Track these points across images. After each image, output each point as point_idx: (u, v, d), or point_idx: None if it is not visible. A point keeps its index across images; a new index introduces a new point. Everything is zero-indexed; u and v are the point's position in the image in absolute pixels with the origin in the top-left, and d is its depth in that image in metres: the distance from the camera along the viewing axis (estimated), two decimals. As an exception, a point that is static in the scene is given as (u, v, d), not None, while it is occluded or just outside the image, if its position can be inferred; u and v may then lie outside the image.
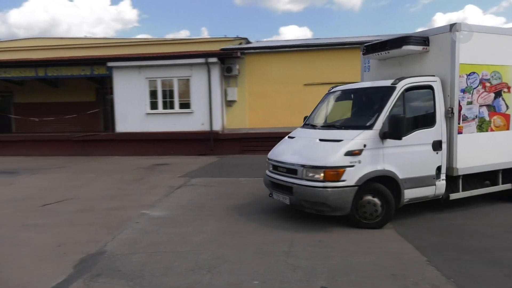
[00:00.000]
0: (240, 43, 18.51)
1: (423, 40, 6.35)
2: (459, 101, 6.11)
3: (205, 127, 16.02)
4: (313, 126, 6.74)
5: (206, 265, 4.32)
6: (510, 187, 6.86)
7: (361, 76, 8.10)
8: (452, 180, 6.25)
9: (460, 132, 6.16)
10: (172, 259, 4.53)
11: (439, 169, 6.01)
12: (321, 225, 5.79)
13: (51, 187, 9.64)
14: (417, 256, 4.59)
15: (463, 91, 6.17)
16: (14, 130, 21.57)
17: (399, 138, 5.52)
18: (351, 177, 5.44)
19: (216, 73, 16.06)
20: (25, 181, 10.89)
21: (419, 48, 6.37)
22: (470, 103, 6.26)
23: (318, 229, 5.60)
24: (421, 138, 5.89)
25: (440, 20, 64.81)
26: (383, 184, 5.65)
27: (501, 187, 6.78)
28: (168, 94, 16.33)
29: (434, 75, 6.16)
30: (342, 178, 5.41)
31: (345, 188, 5.42)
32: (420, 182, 5.88)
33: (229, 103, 16.89)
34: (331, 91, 7.24)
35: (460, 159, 6.15)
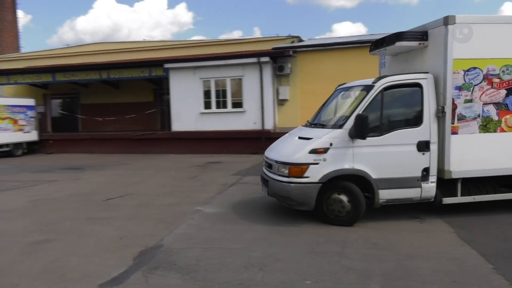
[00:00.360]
0: (292, 42, 18.41)
1: (421, 35, 6.06)
2: (453, 99, 5.73)
3: (257, 126, 16.15)
4: (309, 124, 6.74)
5: (258, 263, 4.36)
6: None
7: (379, 72, 7.85)
8: (451, 184, 5.89)
9: (454, 133, 5.77)
10: (226, 255, 4.62)
11: (426, 170, 5.74)
12: (374, 226, 5.63)
13: (113, 183, 10.22)
14: (482, 263, 4.30)
15: (459, 88, 5.76)
16: (80, 129, 23.14)
17: (363, 138, 5.51)
18: (314, 174, 5.59)
19: (268, 72, 16.13)
20: (90, 177, 11.65)
21: (414, 43, 6.11)
22: (469, 101, 5.81)
23: (372, 231, 5.44)
24: (403, 138, 5.72)
25: (509, 10, 59.94)
26: (356, 183, 5.65)
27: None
28: (221, 94, 16.67)
29: (427, 72, 5.90)
30: (305, 175, 5.60)
31: (308, 184, 5.59)
32: (400, 183, 5.72)
33: (280, 102, 16.90)
34: (337, 89, 7.10)
35: (454, 162, 5.78)
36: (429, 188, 5.79)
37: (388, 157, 5.71)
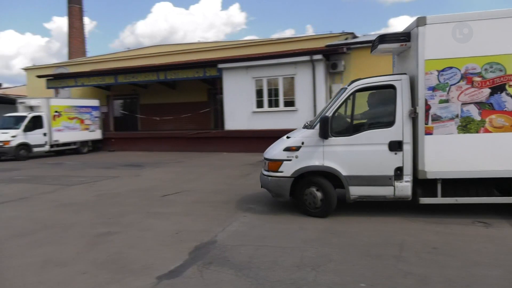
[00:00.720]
0: (346, 38, 18.01)
1: (404, 36, 6.08)
2: (426, 100, 5.72)
3: (309, 125, 16.00)
4: (304, 125, 6.85)
5: (311, 263, 4.31)
6: None
7: (392, 71, 7.84)
8: (434, 184, 5.83)
9: (429, 133, 5.74)
10: (278, 254, 4.62)
11: (399, 170, 5.86)
12: (434, 230, 5.35)
13: (169, 180, 10.63)
14: (558, 274, 3.92)
15: (433, 88, 5.71)
16: (139, 128, 24.31)
17: (325, 138, 5.99)
18: (287, 169, 6.26)
19: (320, 70, 15.91)
20: (148, 173, 12.20)
21: (395, 45, 6.20)
22: (445, 101, 5.71)
23: (432, 235, 5.17)
24: (374, 138, 5.95)
25: None
26: (330, 179, 6.10)
27: (502, 199, 5.79)
28: (273, 93, 16.71)
29: (404, 73, 6.04)
30: (280, 170, 6.32)
31: (282, 178, 6.31)
32: (371, 181, 5.95)
33: (334, 100, 16.62)
34: (341, 88, 7.06)
35: (429, 162, 5.74)
36: (403, 187, 5.88)
37: (358, 156, 6.00)
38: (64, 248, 5.05)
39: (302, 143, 6.25)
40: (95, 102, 22.32)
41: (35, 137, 18.85)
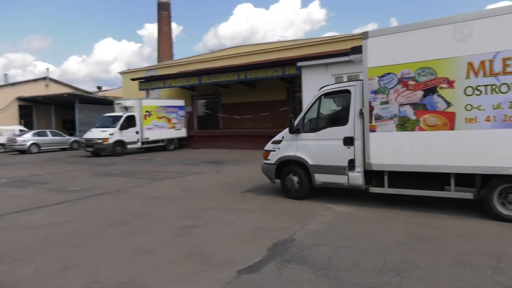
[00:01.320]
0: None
1: (360, 48, 6.84)
2: (369, 102, 6.55)
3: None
4: None
5: (394, 268, 4.10)
6: (471, 197, 5.94)
7: None
8: (381, 175, 6.64)
9: (373, 130, 6.54)
10: (358, 256, 4.47)
11: (352, 162, 6.83)
12: (542, 241, 4.73)
13: (248, 177, 10.89)
14: None
15: (375, 92, 6.50)
16: (221, 126, 25.27)
17: (291, 133, 7.56)
18: (273, 158, 8.03)
19: (405, 65, 15.03)
20: (228, 170, 12.63)
21: (358, 56, 6.98)
22: (385, 102, 6.43)
23: (538, 246, 4.58)
24: (332, 134, 7.10)
25: None
26: (302, 167, 7.52)
27: (453, 194, 6.10)
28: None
29: (361, 80, 6.89)
30: (268, 158, 8.16)
31: (269, 165, 8.11)
32: (330, 170, 7.13)
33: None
34: None
35: (374, 156, 6.57)
36: (355, 176, 6.84)
37: (321, 149, 7.30)
38: (153, 238, 5.44)
39: (283, 137, 7.89)
40: (181, 102, 23.72)
41: (129, 135, 20.63)
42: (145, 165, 15.18)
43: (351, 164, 6.87)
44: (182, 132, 23.44)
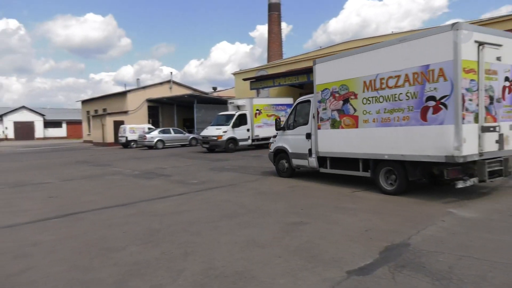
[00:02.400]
0: None
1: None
2: (317, 108, 9.55)
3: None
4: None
5: (533, 286, 3.53)
6: (369, 175, 8.55)
7: None
8: (325, 160, 9.57)
9: (319, 128, 9.53)
10: (486, 268, 3.97)
11: (310, 150, 9.91)
12: None
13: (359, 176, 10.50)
14: None
15: (319, 101, 9.48)
16: (329, 124, 24.82)
17: (277, 130, 11.25)
18: (272, 147, 11.59)
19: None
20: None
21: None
22: (324, 109, 9.34)
23: None
24: (301, 131, 10.25)
25: None
26: (287, 154, 10.86)
27: (360, 173, 8.74)
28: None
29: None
30: (270, 148, 11.78)
31: (271, 152, 11.58)
32: (300, 156, 10.33)
33: None
34: None
35: (320, 146, 9.56)
36: (312, 161, 9.78)
37: (295, 141, 10.48)
38: (263, 231, 5.62)
39: (277, 133, 11.44)
40: (289, 100, 24.01)
41: (240, 133, 21.68)
42: (255, 161, 15.78)
43: (310, 152, 9.98)
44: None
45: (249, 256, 4.61)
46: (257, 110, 22.25)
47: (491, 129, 7.07)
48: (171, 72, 42.63)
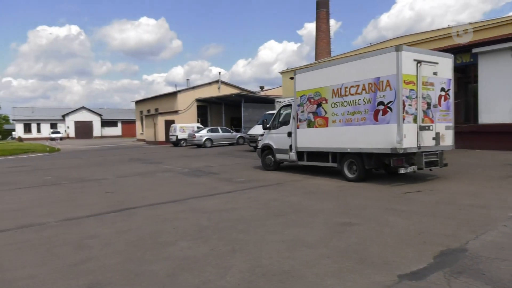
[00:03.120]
0: None
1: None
2: (296, 111, 11.54)
3: None
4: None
5: None
6: (336, 166, 10.49)
7: None
8: (303, 154, 11.56)
9: (298, 128, 11.53)
10: (555, 279, 3.65)
11: (290, 146, 11.90)
12: None
13: (409, 177, 10.09)
14: None
15: (298, 105, 11.46)
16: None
17: (264, 129, 13.44)
18: (260, 144, 13.62)
19: None
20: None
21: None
22: (302, 111, 11.32)
23: None
24: (284, 130, 12.32)
25: None
26: (272, 150, 12.86)
27: (330, 164, 10.70)
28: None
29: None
30: (258, 145, 13.93)
31: (258, 149, 13.67)
32: (282, 151, 12.32)
33: None
34: None
35: (298, 142, 11.54)
36: (292, 155, 11.84)
37: (279, 139, 12.47)
38: (310, 231, 5.56)
39: (264, 132, 13.61)
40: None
41: (287, 131, 21.54)
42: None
43: (290, 147, 11.90)
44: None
45: (296, 255, 4.58)
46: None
47: (427, 128, 9.02)
48: (220, 72, 43.45)
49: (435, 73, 9.17)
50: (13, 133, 75.79)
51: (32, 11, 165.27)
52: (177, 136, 31.56)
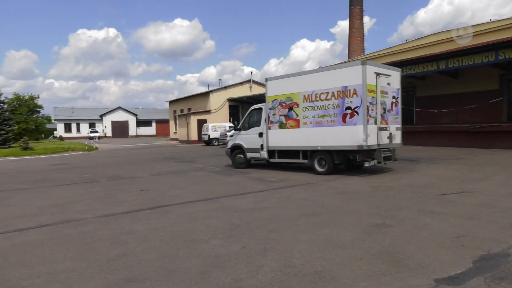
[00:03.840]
0: None
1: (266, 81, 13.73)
2: (268, 114, 12.97)
3: None
4: None
5: None
6: (306, 162, 12.25)
7: None
8: (274, 152, 13.06)
9: (270, 129, 12.92)
10: None
11: (262, 146, 13.34)
12: None
13: (448, 177, 9.75)
14: None
15: (270, 109, 12.91)
16: (415, 122, 23.40)
17: (235, 130, 15.02)
18: (229, 144, 14.93)
19: None
20: (424, 169, 11.60)
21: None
22: (274, 114, 12.79)
23: None
24: (254, 130, 13.70)
25: None
26: (242, 149, 14.19)
27: (301, 161, 12.37)
28: None
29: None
30: (228, 145, 15.24)
31: (228, 149, 14.91)
32: (253, 150, 13.71)
33: None
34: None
35: (270, 142, 12.95)
36: (264, 153, 13.35)
37: (250, 139, 13.81)
38: (343, 232, 5.48)
39: (233, 133, 15.36)
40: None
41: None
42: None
43: (262, 146, 13.31)
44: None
45: (328, 256, 4.53)
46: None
47: (384, 129, 11.04)
48: (251, 72, 43.55)
49: (388, 84, 11.24)
50: (55, 132, 79.38)
51: (74, 15, 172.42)
52: (209, 135, 31.97)
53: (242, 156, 14.05)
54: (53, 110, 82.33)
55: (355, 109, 10.54)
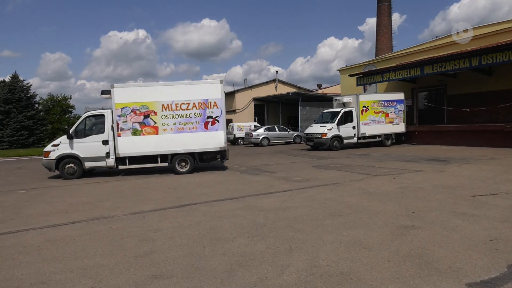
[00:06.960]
0: None
1: (108, 92, 13.49)
2: (117, 121, 13.10)
3: None
4: None
5: None
6: (166, 164, 13.55)
7: None
8: (125, 159, 13.27)
9: (119, 136, 13.12)
10: None
11: (108, 153, 13.18)
12: None
13: (481, 178, 9.41)
14: None
15: (119, 116, 13.11)
16: (445, 121, 22.73)
17: (69, 139, 13.29)
18: (53, 155, 13.29)
19: None
20: (454, 170, 11.25)
21: (108, 95, 13.56)
22: (125, 121, 13.13)
23: None
24: (96, 138, 13.30)
25: None
26: (77, 159, 13.31)
27: (159, 164, 13.54)
28: None
29: (110, 109, 13.43)
30: (49, 156, 13.36)
31: (50, 160, 13.34)
32: (95, 159, 13.23)
33: None
34: None
35: (120, 149, 13.13)
36: (110, 161, 13.22)
37: (89, 147, 13.27)
38: (370, 233, 5.38)
39: (61, 142, 13.37)
40: (399, 96, 22.62)
41: (346, 130, 21.13)
42: (361, 160, 15.22)
43: (107, 154, 13.17)
44: (400, 127, 22.33)
45: (355, 257, 4.46)
46: (364, 106, 21.41)
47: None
48: (277, 71, 43.50)
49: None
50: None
51: (105, 17, 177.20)
52: (234, 134, 32.14)
53: (73, 166, 13.18)
54: (84, 110, 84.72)
55: (216, 118, 13.48)
